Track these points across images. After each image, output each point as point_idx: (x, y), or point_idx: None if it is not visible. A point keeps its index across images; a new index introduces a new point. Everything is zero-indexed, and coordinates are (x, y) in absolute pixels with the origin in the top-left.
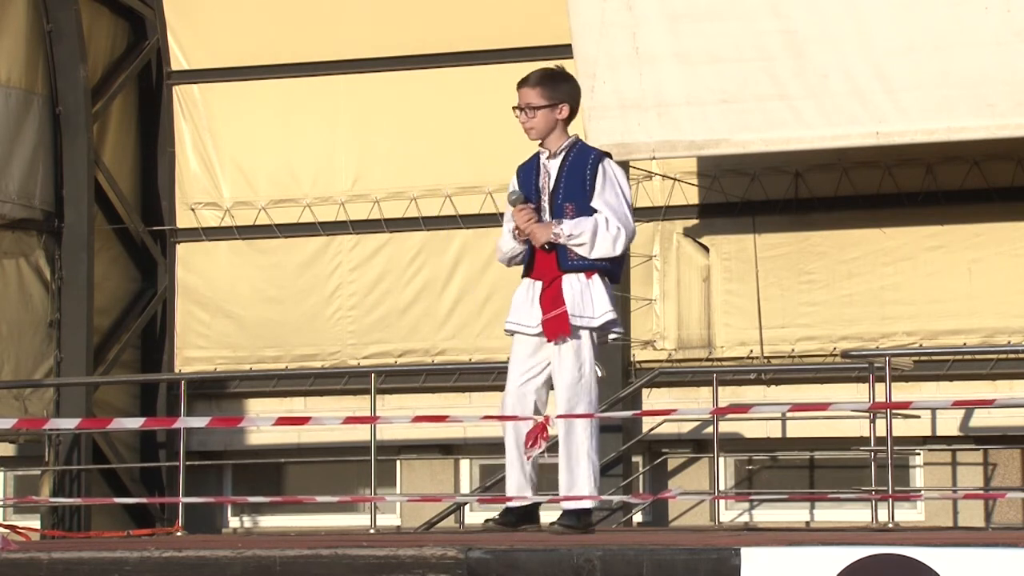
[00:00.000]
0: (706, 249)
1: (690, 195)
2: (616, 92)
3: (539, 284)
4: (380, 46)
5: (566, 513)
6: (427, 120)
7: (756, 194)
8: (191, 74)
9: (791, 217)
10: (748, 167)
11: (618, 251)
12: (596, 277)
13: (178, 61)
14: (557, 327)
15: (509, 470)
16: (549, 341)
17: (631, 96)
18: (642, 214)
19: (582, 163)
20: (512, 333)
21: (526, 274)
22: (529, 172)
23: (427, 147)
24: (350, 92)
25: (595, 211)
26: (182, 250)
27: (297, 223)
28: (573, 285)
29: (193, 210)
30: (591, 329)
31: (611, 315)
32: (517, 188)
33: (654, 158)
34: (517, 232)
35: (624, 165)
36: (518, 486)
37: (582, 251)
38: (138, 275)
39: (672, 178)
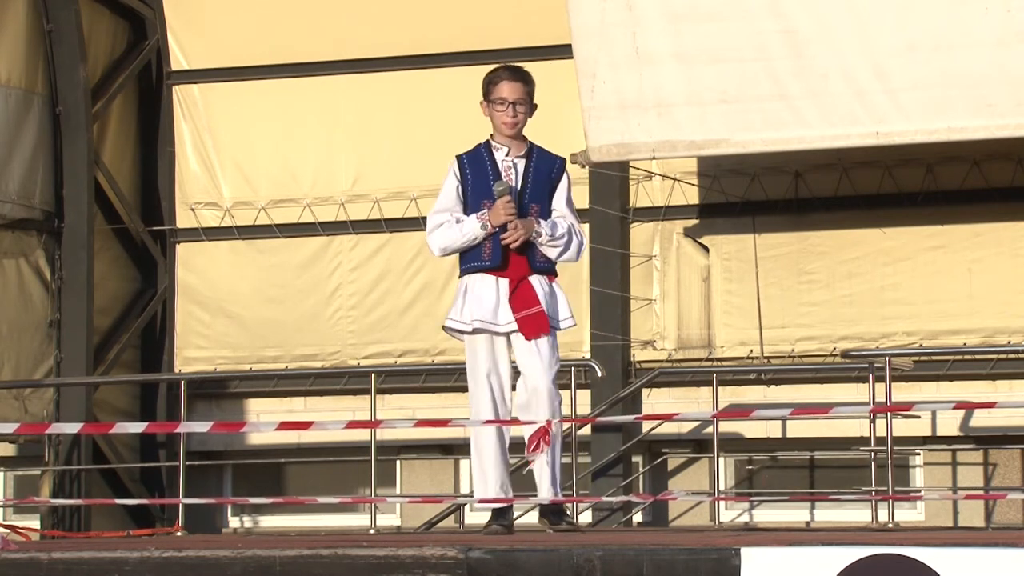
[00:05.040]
0: (706, 249)
1: (690, 195)
2: (616, 92)
3: (505, 282)
4: (380, 46)
5: (560, 511)
6: (427, 120)
7: (756, 194)
8: (191, 74)
9: (791, 217)
10: (748, 167)
11: (579, 258)
12: (556, 283)
13: (178, 61)
14: (538, 326)
15: (494, 471)
16: (529, 339)
17: (631, 96)
18: (642, 214)
19: (548, 166)
20: (475, 332)
21: (489, 269)
22: (480, 165)
23: (427, 147)
24: (350, 92)
25: (553, 212)
26: (182, 250)
27: (297, 223)
28: (542, 287)
29: (193, 210)
30: (557, 330)
31: (572, 321)
32: (505, 183)
33: (654, 158)
34: (491, 221)
35: (624, 165)
36: (502, 485)
37: (552, 253)
38: (138, 275)
39: (672, 178)
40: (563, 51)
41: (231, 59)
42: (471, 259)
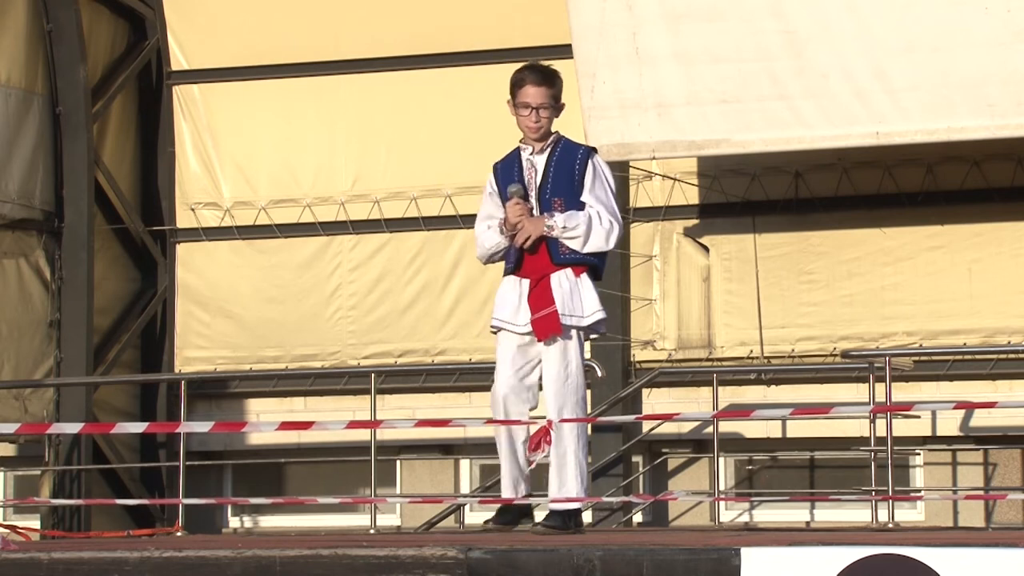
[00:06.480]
0: (706, 249)
1: (690, 195)
2: (616, 92)
3: (527, 282)
4: (380, 46)
5: (552, 513)
6: (427, 120)
7: (756, 194)
8: (191, 74)
9: (791, 217)
10: (748, 167)
11: (611, 245)
12: (584, 275)
13: (178, 61)
14: (548, 327)
15: (503, 469)
16: (540, 341)
17: (631, 96)
18: (642, 214)
19: (570, 158)
20: (498, 331)
21: (512, 271)
22: (509, 169)
23: (427, 147)
24: (350, 92)
25: (583, 205)
26: (182, 250)
27: (297, 223)
28: (563, 283)
29: (193, 210)
30: (579, 328)
31: (601, 314)
32: (517, 184)
33: (654, 158)
34: (505, 226)
35: (624, 165)
36: (513, 482)
37: (575, 244)
38: (138, 275)
39: (672, 178)
40: (563, 51)
41: (231, 59)
42: (505, 262)
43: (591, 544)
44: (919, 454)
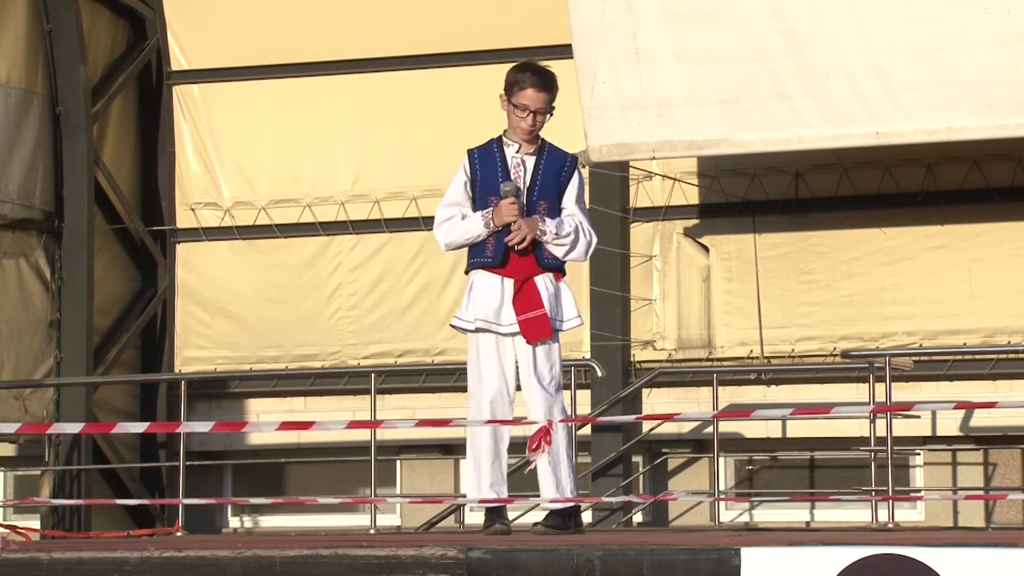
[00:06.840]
0: (706, 249)
1: (690, 195)
2: (616, 92)
3: (510, 282)
4: (380, 46)
5: (552, 513)
6: (427, 120)
7: (756, 194)
8: (191, 74)
9: (791, 217)
10: (748, 167)
11: (587, 258)
12: (563, 281)
13: (178, 61)
14: (539, 330)
15: (488, 470)
16: (529, 343)
17: (631, 96)
18: (642, 214)
19: (557, 164)
20: (477, 331)
21: (491, 267)
22: (490, 161)
23: (427, 147)
24: (350, 92)
25: (562, 211)
26: (182, 250)
27: (297, 223)
28: (548, 287)
29: (193, 210)
30: (560, 331)
31: (579, 320)
32: (509, 179)
33: (654, 158)
34: (494, 220)
35: (624, 165)
36: (494, 484)
37: (558, 251)
38: (138, 275)
39: (672, 178)
40: (563, 51)
41: (231, 59)
42: (475, 255)
43: (591, 544)
44: (919, 454)
